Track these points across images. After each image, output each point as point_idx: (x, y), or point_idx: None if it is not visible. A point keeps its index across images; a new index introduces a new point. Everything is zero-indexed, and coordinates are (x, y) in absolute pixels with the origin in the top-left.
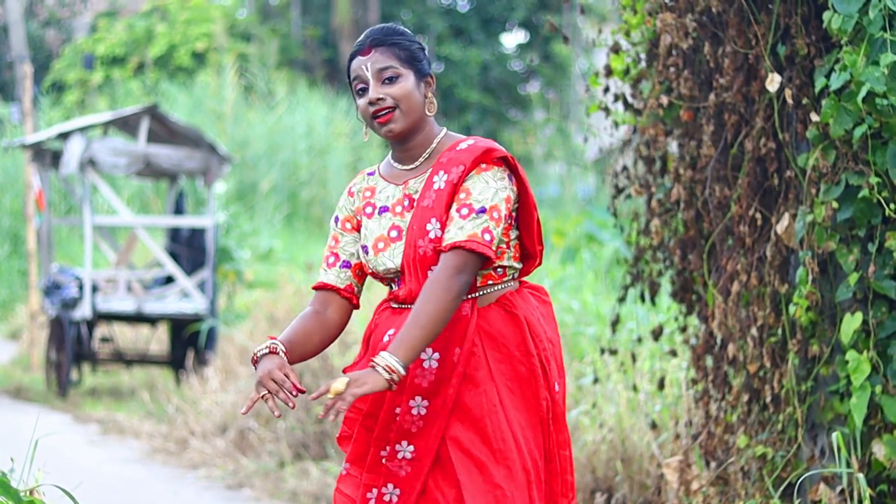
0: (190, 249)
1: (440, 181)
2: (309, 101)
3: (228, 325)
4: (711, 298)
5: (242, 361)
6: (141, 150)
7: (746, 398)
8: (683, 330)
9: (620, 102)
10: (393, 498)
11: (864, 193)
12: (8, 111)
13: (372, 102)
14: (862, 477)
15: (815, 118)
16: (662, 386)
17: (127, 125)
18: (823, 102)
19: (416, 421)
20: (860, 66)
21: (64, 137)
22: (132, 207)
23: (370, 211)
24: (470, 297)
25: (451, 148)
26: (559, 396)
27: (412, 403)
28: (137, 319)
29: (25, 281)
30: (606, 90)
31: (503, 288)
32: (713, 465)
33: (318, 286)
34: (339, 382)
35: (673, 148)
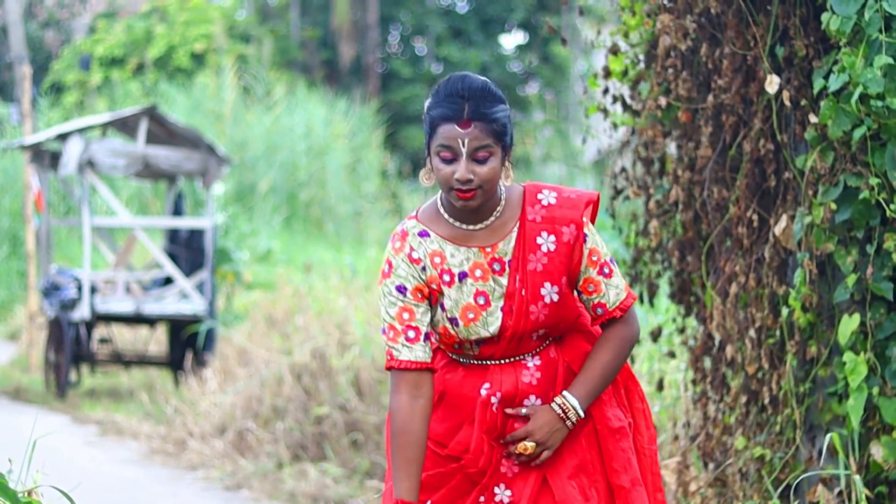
0: (188, 250)
1: (548, 243)
2: (308, 102)
3: (227, 326)
4: (710, 300)
5: (241, 362)
6: (140, 151)
7: (745, 399)
8: (682, 331)
9: (619, 104)
10: None
11: (864, 195)
12: (7, 112)
13: (459, 180)
14: (859, 478)
15: (813, 119)
16: (661, 387)
17: (126, 126)
18: (822, 104)
19: (511, 466)
20: (859, 67)
21: (63, 138)
22: (131, 208)
23: (448, 279)
24: (550, 339)
25: (530, 203)
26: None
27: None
28: (136, 320)
29: (24, 282)
30: (605, 91)
31: None
32: (711, 466)
33: (406, 366)
34: (525, 443)
35: (671, 149)
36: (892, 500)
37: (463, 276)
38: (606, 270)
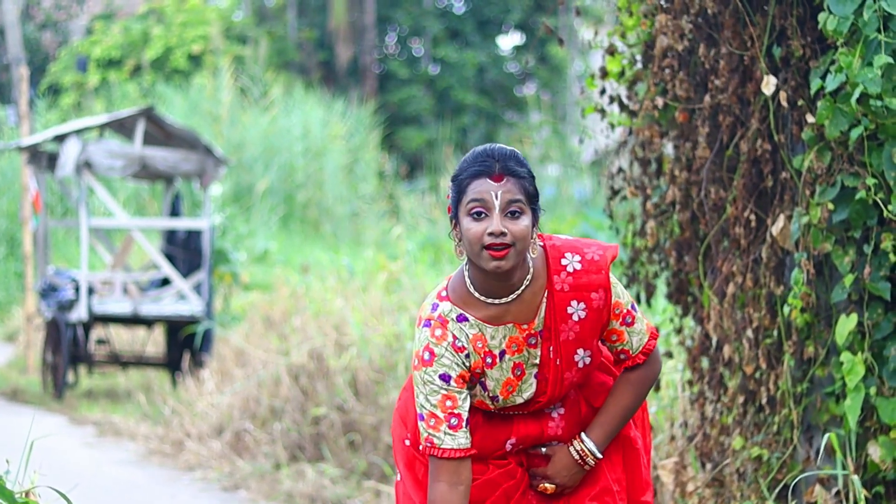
0: (186, 251)
1: (578, 311)
2: (305, 103)
3: (224, 327)
4: (707, 300)
5: (238, 363)
6: (137, 152)
7: (742, 400)
8: (679, 332)
9: (616, 104)
10: None
11: (861, 195)
12: (4, 114)
13: (493, 234)
14: (857, 479)
15: (810, 120)
16: (658, 387)
17: (123, 127)
18: (819, 104)
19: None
20: (856, 67)
21: (60, 140)
22: (128, 209)
23: (490, 361)
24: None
25: (555, 270)
26: None
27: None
28: (133, 321)
29: (22, 283)
30: (602, 92)
31: None
32: (709, 466)
33: (449, 455)
34: (545, 485)
35: (668, 150)
36: (889, 499)
37: (502, 354)
38: (629, 319)
